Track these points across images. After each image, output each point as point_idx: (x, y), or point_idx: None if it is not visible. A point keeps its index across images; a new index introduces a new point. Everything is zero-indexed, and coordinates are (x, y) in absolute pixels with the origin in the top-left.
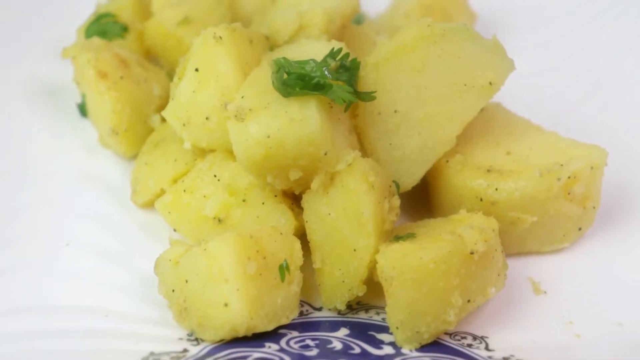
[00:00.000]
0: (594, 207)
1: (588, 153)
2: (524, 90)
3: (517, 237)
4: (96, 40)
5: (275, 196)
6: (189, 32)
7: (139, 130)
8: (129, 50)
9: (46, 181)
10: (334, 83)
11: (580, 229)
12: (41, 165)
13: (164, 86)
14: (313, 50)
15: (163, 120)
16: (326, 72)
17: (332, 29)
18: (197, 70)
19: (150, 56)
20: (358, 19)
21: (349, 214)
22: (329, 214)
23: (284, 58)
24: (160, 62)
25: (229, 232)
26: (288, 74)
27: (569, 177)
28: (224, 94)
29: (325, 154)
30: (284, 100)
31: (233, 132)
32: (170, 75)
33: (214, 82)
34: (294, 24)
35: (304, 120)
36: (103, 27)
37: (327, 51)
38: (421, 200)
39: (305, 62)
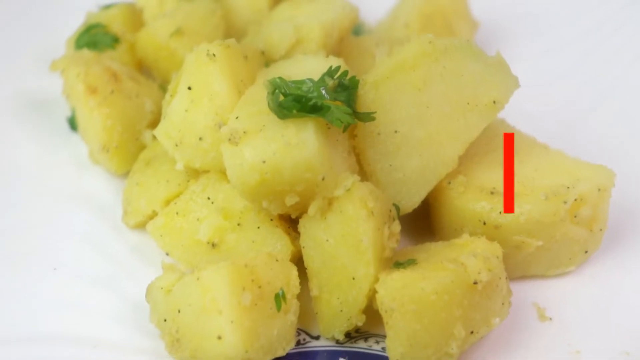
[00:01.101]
0: (600, 230)
1: (595, 174)
2: (527, 101)
3: (522, 262)
4: (86, 53)
5: (271, 220)
6: (182, 43)
7: (130, 147)
8: (120, 62)
9: (34, 200)
10: (332, 104)
11: (586, 251)
12: (29, 183)
13: (156, 101)
14: (310, 66)
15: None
16: (324, 92)
17: (330, 43)
18: (189, 88)
19: (142, 68)
20: (357, 28)
21: (348, 241)
22: (327, 240)
23: (280, 78)
24: (153, 74)
25: (223, 262)
26: (284, 95)
27: (575, 200)
28: (217, 113)
29: (323, 179)
30: (280, 123)
31: (227, 156)
32: (162, 88)
33: (208, 101)
34: (291, 38)
35: (300, 145)
36: (93, 37)
37: (324, 67)
38: (422, 223)
39: (302, 82)
